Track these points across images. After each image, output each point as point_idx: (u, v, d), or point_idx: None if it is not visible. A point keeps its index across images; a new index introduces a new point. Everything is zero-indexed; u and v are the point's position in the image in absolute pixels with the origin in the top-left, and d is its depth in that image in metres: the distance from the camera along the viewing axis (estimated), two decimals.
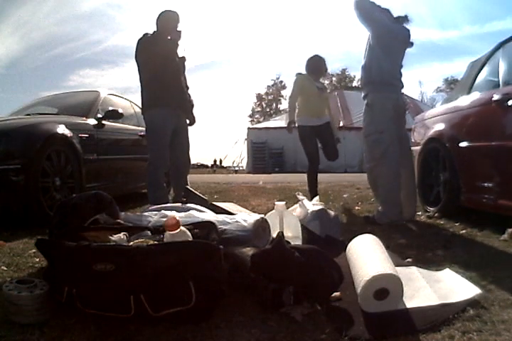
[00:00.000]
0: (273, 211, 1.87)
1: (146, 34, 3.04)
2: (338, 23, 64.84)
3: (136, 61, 3.05)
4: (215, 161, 23.88)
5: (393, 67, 2.86)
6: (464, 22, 58.59)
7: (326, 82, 32.66)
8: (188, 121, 3.29)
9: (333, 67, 39.45)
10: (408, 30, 2.91)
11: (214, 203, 2.22)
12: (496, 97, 2.44)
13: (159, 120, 2.99)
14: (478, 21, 59.47)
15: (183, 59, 3.23)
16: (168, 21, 3.07)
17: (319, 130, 3.89)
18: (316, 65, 4.04)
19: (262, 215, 1.75)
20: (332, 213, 2.32)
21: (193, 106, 3.35)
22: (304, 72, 4.02)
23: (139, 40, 3.01)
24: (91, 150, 3.32)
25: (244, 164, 18.21)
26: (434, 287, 1.45)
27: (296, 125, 3.93)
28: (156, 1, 39.10)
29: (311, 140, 3.88)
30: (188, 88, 3.30)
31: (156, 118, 3.00)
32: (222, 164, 22.23)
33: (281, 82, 41.72)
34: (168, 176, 3.31)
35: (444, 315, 1.22)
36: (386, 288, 1.27)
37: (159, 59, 2.95)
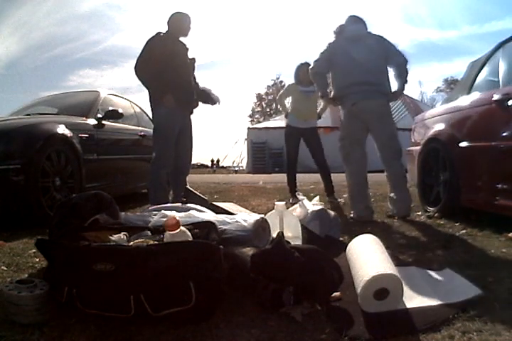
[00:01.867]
0: (273, 211, 1.87)
1: (160, 33, 3.04)
2: (337, 23, 64.65)
3: (139, 58, 2.97)
4: (212, 161, 23.86)
5: (346, 72, 2.97)
6: (463, 22, 58.56)
7: None
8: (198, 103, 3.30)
9: None
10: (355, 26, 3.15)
11: (214, 203, 2.23)
12: (495, 97, 2.44)
13: (166, 120, 3.00)
14: (478, 21, 59.57)
15: (193, 60, 3.25)
16: (179, 23, 3.08)
17: (304, 133, 4.13)
18: (297, 73, 4.18)
19: (262, 215, 1.75)
20: (332, 213, 2.32)
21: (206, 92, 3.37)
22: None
23: (151, 38, 3.00)
24: (91, 150, 3.32)
25: (244, 164, 18.19)
26: (434, 287, 1.45)
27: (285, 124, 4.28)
28: (155, 2, 39.19)
29: (293, 140, 4.16)
30: (197, 85, 3.31)
31: (163, 119, 3.01)
32: (221, 164, 22.20)
33: (281, 82, 41.63)
34: (169, 176, 3.31)
35: (444, 315, 1.22)
36: (386, 288, 1.27)
37: (166, 58, 2.93)
